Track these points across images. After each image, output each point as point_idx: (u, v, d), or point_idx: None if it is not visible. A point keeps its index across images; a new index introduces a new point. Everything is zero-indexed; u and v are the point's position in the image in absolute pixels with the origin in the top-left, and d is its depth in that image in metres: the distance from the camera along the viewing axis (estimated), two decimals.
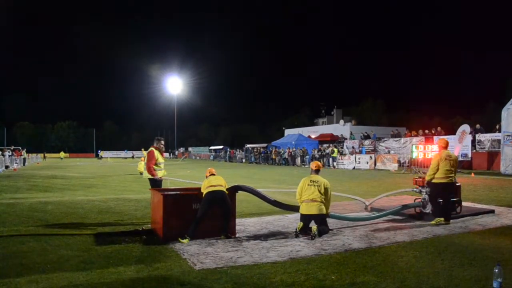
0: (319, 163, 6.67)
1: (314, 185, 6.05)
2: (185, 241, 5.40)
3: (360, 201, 8.81)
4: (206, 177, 6.16)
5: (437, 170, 6.92)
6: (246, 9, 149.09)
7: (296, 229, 5.90)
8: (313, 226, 5.85)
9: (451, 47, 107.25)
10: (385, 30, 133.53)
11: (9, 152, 29.68)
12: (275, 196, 7.32)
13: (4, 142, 67.92)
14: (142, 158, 19.38)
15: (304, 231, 5.89)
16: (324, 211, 5.98)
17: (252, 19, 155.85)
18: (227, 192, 5.93)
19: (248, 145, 49.40)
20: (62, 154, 57.32)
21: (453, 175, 7.00)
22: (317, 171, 6.36)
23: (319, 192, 5.99)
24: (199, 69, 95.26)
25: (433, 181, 6.98)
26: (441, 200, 6.91)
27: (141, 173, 18.98)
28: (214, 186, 5.81)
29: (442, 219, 6.76)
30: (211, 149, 59.95)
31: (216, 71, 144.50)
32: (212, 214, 5.68)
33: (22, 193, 11.61)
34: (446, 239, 5.68)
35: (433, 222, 6.76)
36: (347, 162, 27.08)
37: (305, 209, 5.96)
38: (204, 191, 5.80)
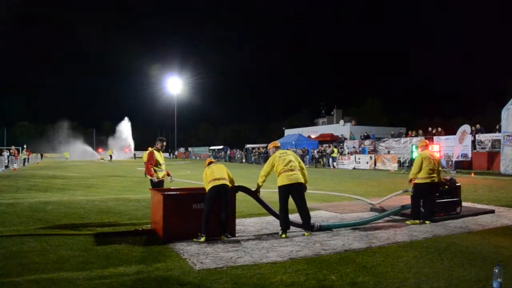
0: (275, 142, 6.73)
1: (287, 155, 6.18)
2: (202, 239, 5.44)
3: (363, 202, 8.83)
4: (207, 164, 6.12)
5: (420, 169, 6.94)
6: (246, 9, 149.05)
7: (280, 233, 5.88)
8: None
9: (451, 47, 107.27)
10: (385, 30, 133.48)
11: (7, 152, 29.69)
12: (275, 196, 7.31)
13: (4, 142, 67.82)
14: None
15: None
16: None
17: (252, 19, 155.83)
18: (230, 185, 5.91)
19: (248, 145, 49.37)
20: (66, 154, 57.29)
21: (435, 175, 6.96)
22: (277, 147, 6.47)
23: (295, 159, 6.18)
24: (199, 69, 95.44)
25: (416, 181, 7.01)
26: (422, 202, 6.93)
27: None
28: (218, 179, 5.75)
29: (418, 221, 6.77)
30: (211, 149, 59.90)
31: (216, 71, 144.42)
32: (215, 212, 5.67)
33: (22, 193, 11.60)
34: (446, 239, 5.67)
35: (408, 222, 6.78)
36: (347, 162, 27.08)
37: (286, 180, 5.93)
38: (208, 185, 5.76)
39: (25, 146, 40.90)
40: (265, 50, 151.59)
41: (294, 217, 6.22)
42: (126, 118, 71.03)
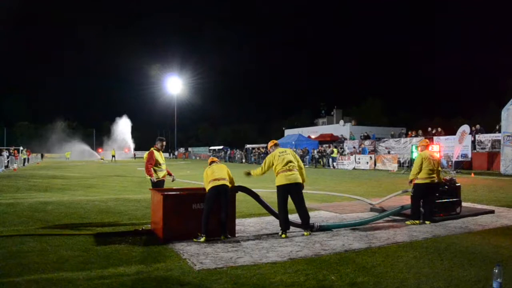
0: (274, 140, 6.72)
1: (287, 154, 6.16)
2: (202, 239, 5.44)
3: (363, 202, 8.84)
4: (209, 164, 6.12)
5: (420, 170, 6.96)
6: (246, 9, 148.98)
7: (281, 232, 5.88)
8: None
9: (451, 46, 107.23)
10: (385, 30, 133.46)
11: (7, 152, 29.68)
12: (274, 196, 7.31)
13: (4, 142, 67.82)
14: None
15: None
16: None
17: (252, 19, 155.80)
18: (230, 185, 5.91)
19: (248, 145, 49.38)
20: (67, 154, 57.29)
21: (435, 175, 6.98)
22: (276, 145, 6.47)
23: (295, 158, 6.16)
24: (199, 69, 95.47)
25: (416, 181, 7.02)
26: (422, 202, 6.94)
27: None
28: (218, 180, 5.76)
29: (418, 221, 6.79)
30: (211, 149, 59.93)
31: (216, 71, 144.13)
32: (215, 212, 5.67)
33: (22, 193, 11.61)
34: (446, 239, 5.68)
35: (408, 222, 6.79)
36: (347, 163, 27.07)
37: (284, 179, 5.93)
38: (208, 185, 5.76)
39: (21, 148, 40.71)
40: (265, 50, 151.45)
41: (294, 217, 6.22)
42: (125, 116, 70.76)
